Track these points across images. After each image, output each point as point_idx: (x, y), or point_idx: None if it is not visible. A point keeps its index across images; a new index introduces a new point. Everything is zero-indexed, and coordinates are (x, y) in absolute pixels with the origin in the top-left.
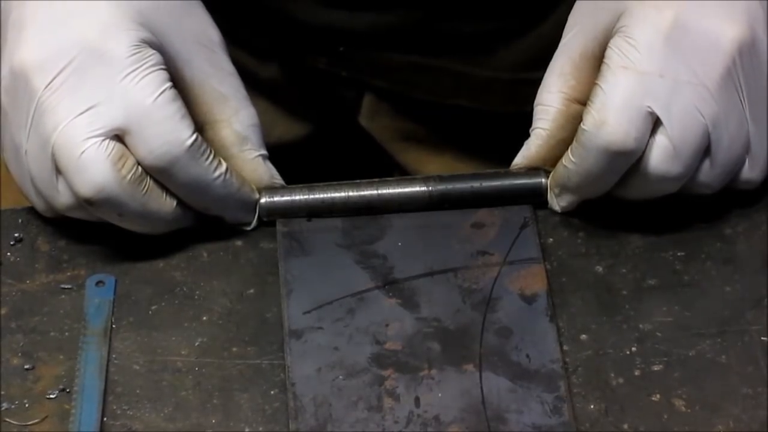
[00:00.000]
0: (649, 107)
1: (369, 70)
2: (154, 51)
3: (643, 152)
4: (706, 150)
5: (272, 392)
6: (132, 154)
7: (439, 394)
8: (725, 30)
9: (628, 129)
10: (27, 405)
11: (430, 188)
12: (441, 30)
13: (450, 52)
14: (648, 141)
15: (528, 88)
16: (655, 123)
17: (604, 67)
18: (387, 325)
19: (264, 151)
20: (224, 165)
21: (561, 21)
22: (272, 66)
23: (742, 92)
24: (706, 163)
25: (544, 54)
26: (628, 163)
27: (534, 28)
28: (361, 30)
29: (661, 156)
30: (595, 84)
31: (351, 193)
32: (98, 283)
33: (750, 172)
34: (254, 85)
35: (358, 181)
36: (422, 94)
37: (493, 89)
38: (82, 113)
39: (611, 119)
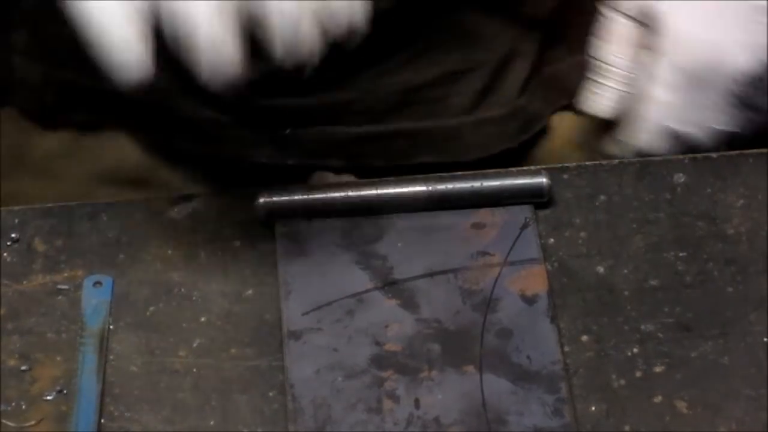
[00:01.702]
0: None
1: (320, 150)
2: None
3: None
4: None
5: (271, 394)
6: None
7: (440, 396)
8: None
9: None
10: (24, 407)
11: (430, 188)
12: (388, 90)
13: (400, 110)
14: None
15: (490, 128)
16: None
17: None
18: (387, 326)
19: None
20: None
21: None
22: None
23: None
24: None
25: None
26: None
27: (485, 63)
28: (307, 107)
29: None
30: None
31: (351, 193)
32: (96, 283)
33: None
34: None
35: (357, 181)
36: (383, 162)
37: (456, 137)
38: None
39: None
